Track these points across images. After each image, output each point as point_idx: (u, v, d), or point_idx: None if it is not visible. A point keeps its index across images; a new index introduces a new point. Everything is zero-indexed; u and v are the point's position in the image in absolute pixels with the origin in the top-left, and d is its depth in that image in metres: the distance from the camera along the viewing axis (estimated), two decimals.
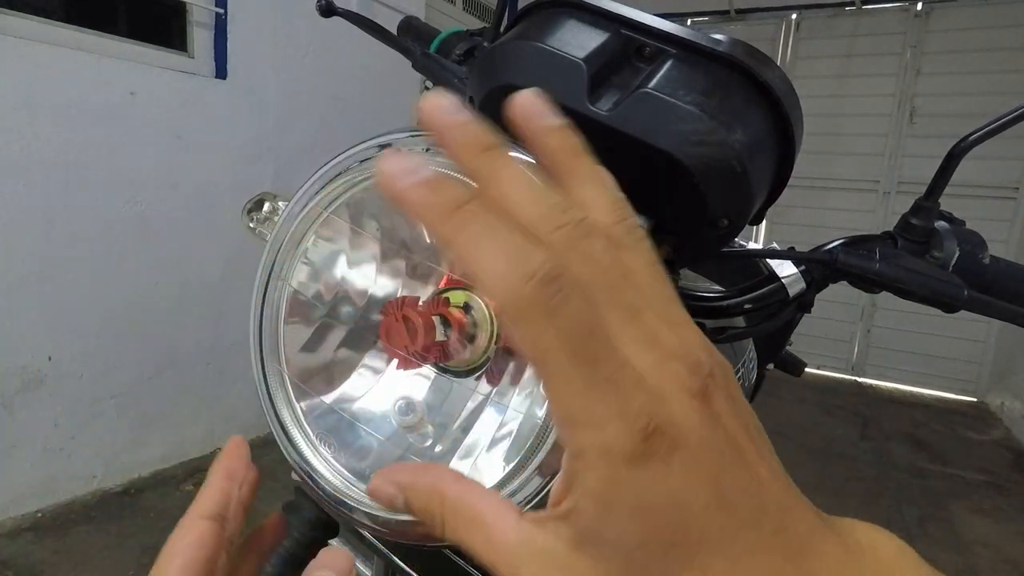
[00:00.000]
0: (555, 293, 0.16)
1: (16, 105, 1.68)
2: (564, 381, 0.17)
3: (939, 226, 0.42)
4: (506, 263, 0.16)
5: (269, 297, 0.34)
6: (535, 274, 0.16)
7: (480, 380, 0.32)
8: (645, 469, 0.17)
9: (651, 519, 0.17)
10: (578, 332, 0.17)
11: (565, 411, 0.17)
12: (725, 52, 0.31)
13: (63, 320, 1.87)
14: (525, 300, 0.16)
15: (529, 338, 0.17)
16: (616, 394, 0.17)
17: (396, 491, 0.23)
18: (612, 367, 0.17)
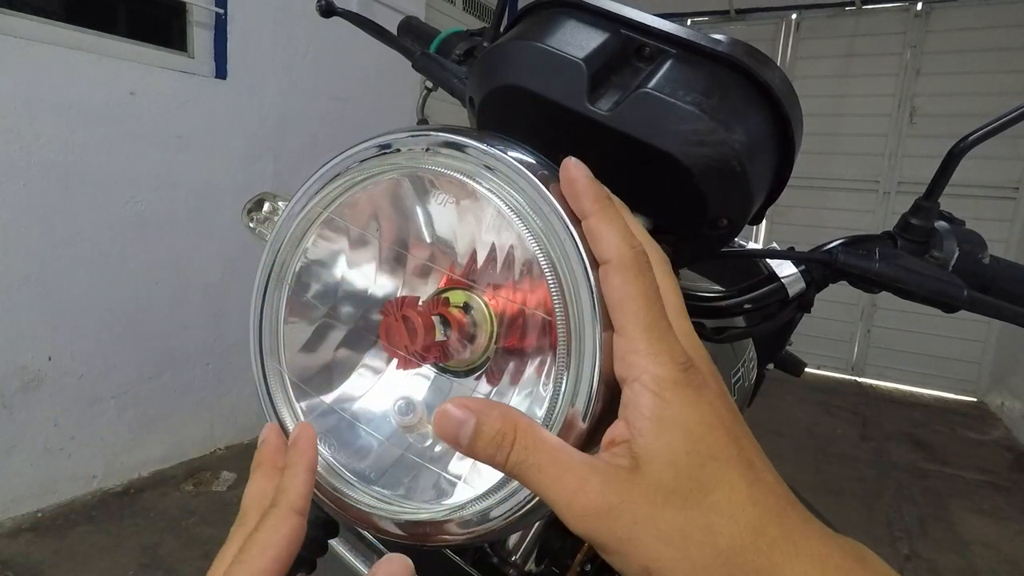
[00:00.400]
0: (643, 261, 0.25)
1: (16, 105, 1.68)
2: (635, 321, 0.24)
3: (939, 226, 0.42)
4: (621, 236, 0.25)
5: (269, 297, 0.34)
6: (634, 246, 0.25)
7: (480, 380, 0.32)
8: (684, 393, 0.23)
9: (692, 432, 0.23)
10: (651, 291, 0.25)
11: (631, 345, 0.24)
12: (725, 52, 0.31)
13: (63, 320, 1.87)
14: (629, 257, 0.25)
15: (625, 282, 0.24)
16: (666, 340, 0.24)
17: (467, 415, 0.24)
18: (665, 322, 0.24)
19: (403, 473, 0.32)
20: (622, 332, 0.24)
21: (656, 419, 0.23)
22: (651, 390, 0.23)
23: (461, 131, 0.30)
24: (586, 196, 0.26)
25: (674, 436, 0.23)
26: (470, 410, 0.24)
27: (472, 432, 0.24)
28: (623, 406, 0.24)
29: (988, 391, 3.89)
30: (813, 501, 0.59)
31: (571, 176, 0.27)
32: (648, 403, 0.23)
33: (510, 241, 0.29)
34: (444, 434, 0.24)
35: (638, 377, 0.24)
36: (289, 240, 0.34)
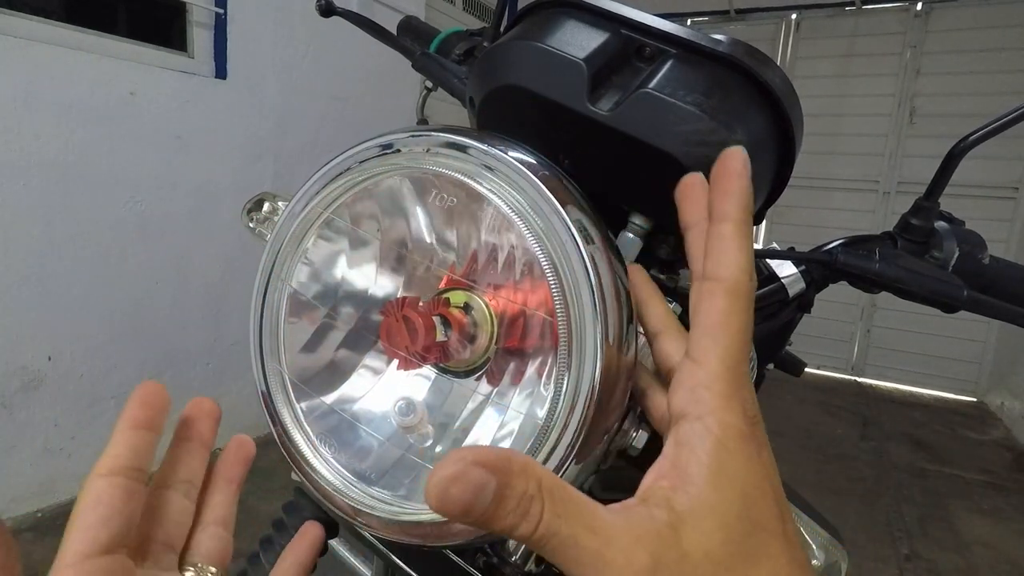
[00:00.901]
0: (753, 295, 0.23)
1: (16, 105, 1.68)
2: (722, 356, 0.22)
3: (939, 226, 0.42)
4: (748, 260, 0.23)
5: (269, 297, 0.34)
6: (754, 277, 0.23)
7: (480, 380, 0.32)
8: (747, 446, 0.21)
9: (747, 495, 0.20)
10: (749, 330, 0.23)
11: (709, 380, 0.22)
12: (725, 52, 0.31)
13: (63, 320, 1.86)
14: (746, 286, 0.23)
15: (731, 310, 0.22)
16: (745, 386, 0.22)
17: (489, 476, 0.18)
18: (746, 367, 0.23)
19: (403, 474, 0.32)
20: (702, 362, 0.22)
21: (715, 470, 0.20)
22: (715, 435, 0.21)
23: (462, 131, 0.30)
24: (738, 198, 0.23)
25: (730, 493, 0.20)
26: (489, 469, 0.18)
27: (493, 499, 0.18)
28: (675, 443, 0.22)
29: (988, 391, 3.89)
30: (813, 501, 0.59)
31: (733, 169, 0.24)
32: (709, 449, 0.21)
33: (511, 241, 0.29)
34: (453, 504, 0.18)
35: (703, 416, 0.21)
36: (289, 240, 0.34)
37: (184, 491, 0.28)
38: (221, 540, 0.28)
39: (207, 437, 0.29)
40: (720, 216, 0.23)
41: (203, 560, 0.27)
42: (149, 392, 0.26)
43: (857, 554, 2.11)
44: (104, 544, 0.23)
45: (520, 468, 0.19)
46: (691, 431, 0.21)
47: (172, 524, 0.27)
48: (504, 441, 0.30)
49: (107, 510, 0.23)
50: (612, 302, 0.27)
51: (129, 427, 0.25)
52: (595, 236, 0.27)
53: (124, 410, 0.26)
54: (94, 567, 0.23)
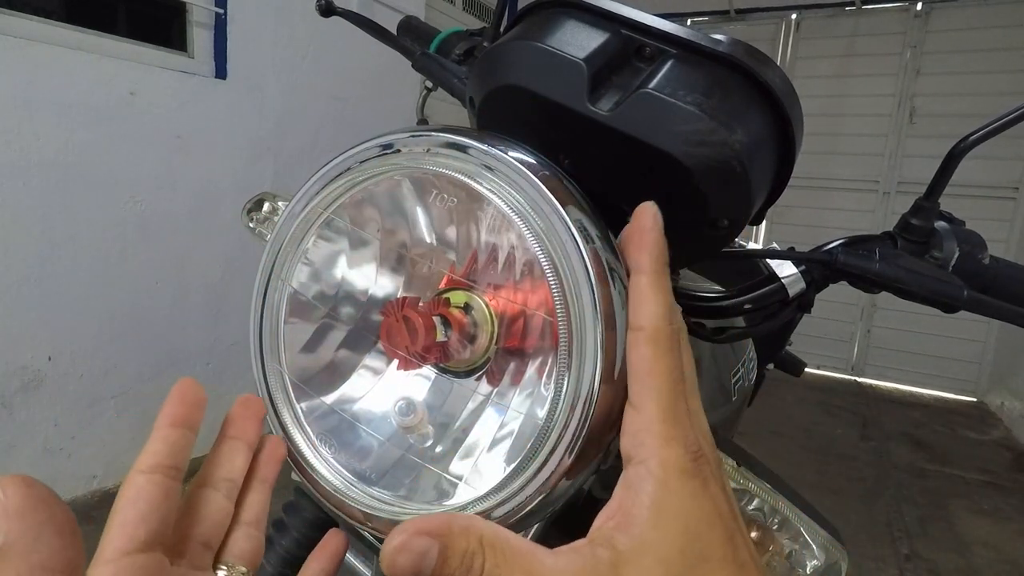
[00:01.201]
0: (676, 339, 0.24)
1: (16, 105, 1.68)
2: (655, 399, 0.23)
3: (939, 226, 0.42)
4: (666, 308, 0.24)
5: (269, 297, 0.34)
6: (673, 323, 0.24)
7: (480, 380, 0.32)
8: (691, 483, 0.22)
9: (689, 529, 0.21)
10: (677, 371, 0.24)
11: (645, 423, 0.23)
12: (725, 52, 0.31)
13: (63, 320, 1.86)
14: (666, 333, 0.24)
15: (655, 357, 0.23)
16: (681, 425, 0.23)
17: (430, 541, 0.21)
18: (683, 405, 0.23)
19: (404, 474, 0.32)
20: (639, 408, 0.23)
21: (656, 508, 0.22)
22: (656, 476, 0.22)
23: (462, 131, 0.30)
24: (652, 251, 0.25)
25: (671, 530, 0.21)
26: (429, 535, 0.21)
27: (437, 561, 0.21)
28: (623, 486, 0.23)
29: (988, 391, 3.89)
30: (813, 501, 0.59)
31: (644, 225, 0.25)
32: (650, 490, 0.22)
33: (511, 241, 0.29)
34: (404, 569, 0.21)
35: (645, 460, 0.22)
36: (289, 240, 0.34)
37: (226, 491, 0.28)
38: (254, 540, 0.29)
39: (252, 437, 0.30)
40: (636, 269, 0.25)
41: (236, 560, 0.28)
42: (187, 390, 0.27)
43: (857, 554, 2.11)
44: (142, 541, 0.24)
45: (461, 529, 0.22)
46: (635, 474, 0.22)
47: (211, 523, 0.27)
48: (504, 441, 0.30)
49: (146, 507, 0.24)
50: (612, 302, 0.27)
51: (167, 424, 0.26)
52: (595, 236, 0.27)
53: (163, 407, 0.26)
54: (132, 564, 0.23)
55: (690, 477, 0.22)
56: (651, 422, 0.23)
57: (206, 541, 0.27)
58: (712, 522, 0.22)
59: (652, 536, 0.21)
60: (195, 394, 0.27)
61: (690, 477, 0.22)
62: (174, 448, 0.26)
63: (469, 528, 0.22)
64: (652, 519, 0.21)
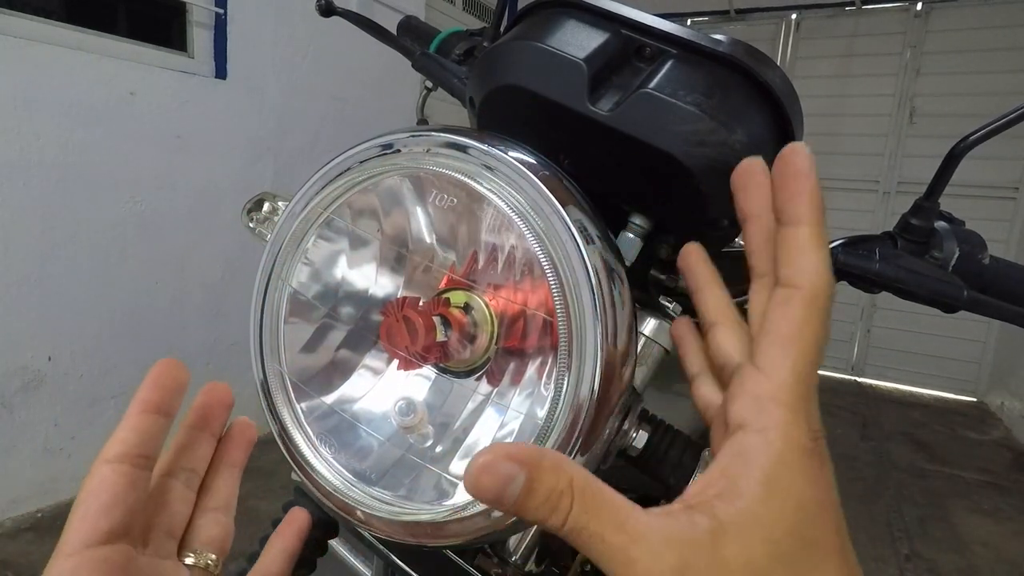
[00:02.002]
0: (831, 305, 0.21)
1: (16, 105, 1.67)
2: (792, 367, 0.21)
3: (939, 226, 0.42)
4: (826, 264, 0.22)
5: (269, 297, 0.34)
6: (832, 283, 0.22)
7: (480, 380, 0.32)
8: (809, 462, 0.20)
9: (805, 509, 0.20)
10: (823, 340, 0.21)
11: (774, 390, 0.21)
12: (725, 52, 0.31)
13: (63, 320, 1.86)
14: (824, 293, 0.21)
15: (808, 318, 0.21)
16: (811, 400, 0.21)
17: (516, 468, 0.19)
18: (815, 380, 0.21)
19: (404, 474, 0.32)
20: (770, 372, 0.21)
21: (769, 482, 0.20)
22: (775, 448, 0.20)
23: (462, 131, 0.30)
24: (811, 199, 0.22)
25: (784, 509, 0.19)
26: (518, 463, 0.19)
27: (522, 491, 0.19)
28: (731, 453, 0.21)
29: (988, 391, 3.89)
30: None
31: (800, 168, 0.22)
32: (766, 462, 0.20)
33: (511, 241, 0.29)
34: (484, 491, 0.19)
35: (765, 429, 0.20)
36: (289, 240, 0.34)
37: (186, 480, 0.28)
38: (222, 526, 0.28)
39: (217, 427, 0.29)
40: (793, 219, 0.22)
41: (203, 546, 0.28)
42: (164, 373, 0.26)
43: (857, 554, 2.11)
44: (105, 533, 0.23)
45: (551, 465, 0.20)
46: (750, 443, 0.20)
47: (173, 512, 0.27)
48: (504, 441, 0.30)
49: (110, 498, 0.23)
50: (612, 302, 0.27)
51: (139, 411, 0.25)
52: (595, 236, 0.27)
53: (138, 391, 0.25)
54: (94, 556, 0.22)
55: (810, 456, 0.20)
56: (781, 389, 0.21)
57: (169, 530, 0.27)
58: (825, 507, 0.20)
59: (761, 511, 0.19)
60: (173, 378, 0.26)
61: (810, 456, 0.20)
62: (144, 436, 0.24)
63: (560, 466, 0.20)
64: (764, 493, 0.20)
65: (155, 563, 0.25)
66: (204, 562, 0.27)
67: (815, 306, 0.21)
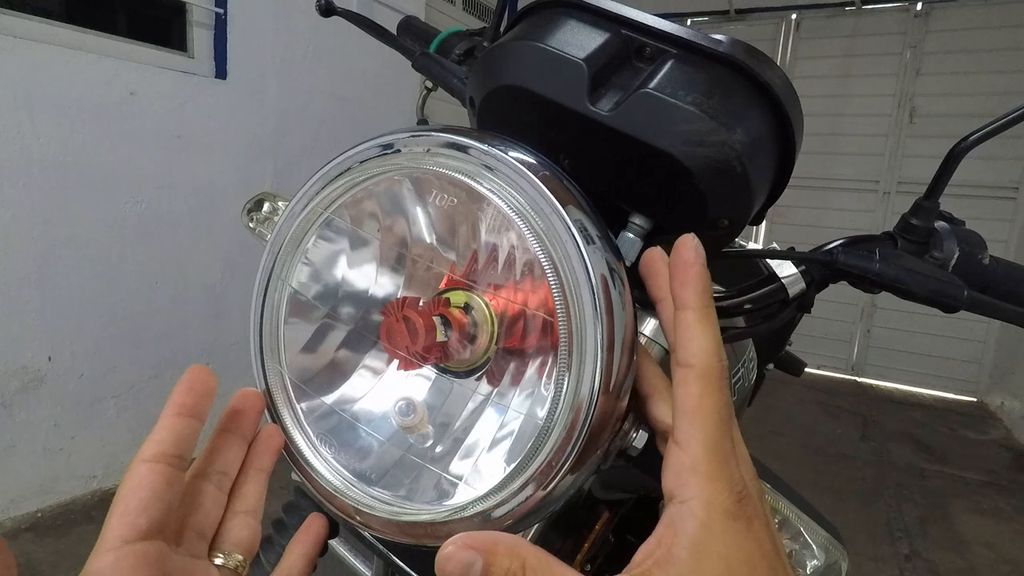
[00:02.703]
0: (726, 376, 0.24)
1: (16, 105, 1.67)
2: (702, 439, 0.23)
3: (939, 226, 0.42)
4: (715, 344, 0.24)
5: (269, 297, 0.34)
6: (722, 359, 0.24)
7: (481, 381, 0.32)
8: (734, 525, 0.22)
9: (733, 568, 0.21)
10: (725, 410, 0.23)
11: (691, 463, 0.23)
12: (725, 52, 0.31)
13: (63, 320, 1.86)
14: (716, 370, 0.23)
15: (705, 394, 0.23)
16: (727, 465, 0.23)
17: (474, 555, 0.22)
18: (729, 445, 0.23)
19: (404, 474, 0.32)
20: (685, 447, 0.23)
21: (697, 549, 0.21)
22: (699, 517, 0.22)
23: (462, 131, 0.30)
24: (696, 286, 0.24)
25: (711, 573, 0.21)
26: (475, 550, 0.22)
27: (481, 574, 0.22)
28: (665, 524, 0.23)
29: (988, 391, 3.89)
30: (813, 501, 0.59)
31: (686, 259, 0.25)
32: (692, 530, 0.22)
33: (511, 241, 0.29)
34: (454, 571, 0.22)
35: (688, 500, 0.22)
36: (289, 240, 0.34)
37: (218, 482, 0.29)
38: (250, 528, 0.29)
39: (248, 430, 0.31)
40: (681, 304, 0.24)
41: (232, 547, 0.28)
42: (196, 378, 0.27)
43: (857, 554, 2.11)
44: (143, 530, 0.24)
45: (506, 549, 0.22)
46: (678, 513, 0.22)
47: (205, 513, 0.28)
48: (504, 441, 0.30)
49: (148, 495, 0.24)
50: (612, 302, 0.26)
51: (174, 413, 0.26)
52: (595, 236, 0.27)
53: (171, 395, 0.26)
54: (133, 552, 0.23)
55: (734, 519, 0.22)
56: (696, 461, 0.23)
57: (200, 531, 0.28)
58: (755, 564, 0.22)
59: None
60: (205, 383, 0.27)
61: (734, 519, 0.22)
62: (179, 437, 0.26)
63: (514, 549, 0.22)
64: (692, 560, 0.21)
65: (187, 562, 0.26)
66: (233, 563, 0.28)
67: (708, 380, 0.23)
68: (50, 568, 1.68)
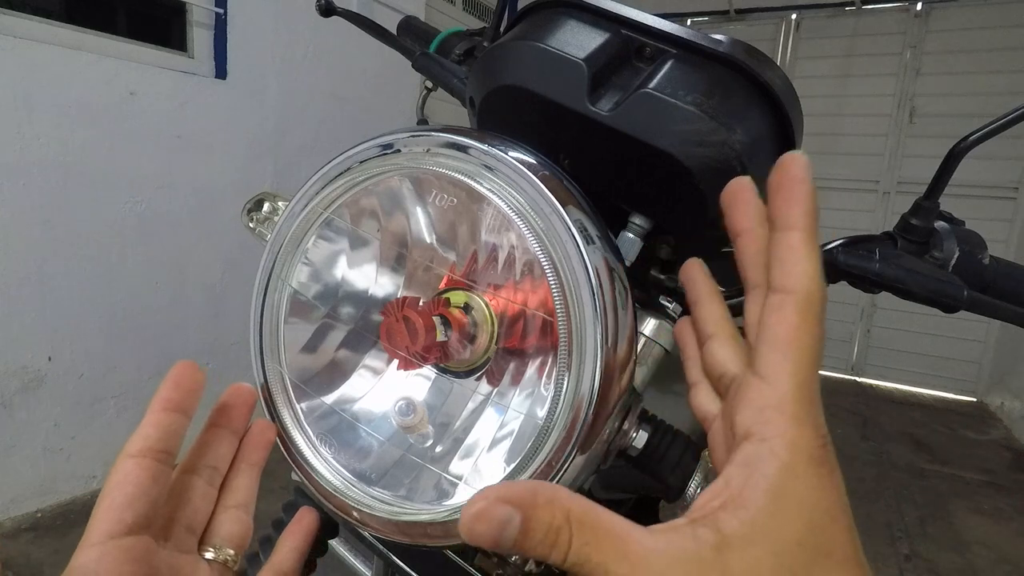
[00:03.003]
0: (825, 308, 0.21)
1: (16, 105, 1.67)
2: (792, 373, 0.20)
3: (939, 226, 0.42)
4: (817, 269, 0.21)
5: (269, 297, 0.34)
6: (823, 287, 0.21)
7: (480, 380, 0.32)
8: (818, 470, 0.20)
9: (814, 518, 0.19)
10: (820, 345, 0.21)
11: (777, 399, 0.20)
12: (725, 52, 0.31)
13: (63, 320, 1.86)
14: (818, 298, 0.21)
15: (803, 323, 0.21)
16: (815, 405, 0.21)
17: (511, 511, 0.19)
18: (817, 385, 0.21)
19: (404, 474, 0.32)
20: (772, 380, 0.20)
21: (776, 493, 0.19)
22: (781, 459, 0.19)
23: (462, 131, 0.30)
24: (803, 205, 0.21)
25: (791, 519, 0.19)
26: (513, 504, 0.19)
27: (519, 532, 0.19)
28: (738, 464, 0.20)
29: (988, 391, 3.89)
30: None
31: (795, 175, 0.22)
32: (772, 472, 0.19)
33: (511, 241, 0.29)
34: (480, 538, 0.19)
35: (770, 438, 0.20)
36: (289, 240, 0.34)
37: (208, 477, 0.29)
38: (241, 523, 0.29)
39: (239, 425, 0.30)
40: (786, 224, 0.22)
41: (223, 542, 0.28)
42: (183, 374, 0.27)
43: None
44: (129, 525, 0.24)
45: (546, 500, 0.19)
46: (755, 453, 0.20)
47: (194, 508, 0.28)
48: (504, 441, 0.30)
49: (134, 490, 0.24)
50: (612, 302, 0.27)
51: (160, 409, 0.26)
52: (595, 236, 0.27)
53: (158, 391, 0.26)
54: (119, 547, 0.23)
55: (818, 464, 0.20)
56: (784, 398, 0.20)
57: (190, 525, 0.27)
58: (836, 515, 0.20)
59: (768, 523, 0.19)
60: (192, 379, 0.27)
61: (818, 464, 0.20)
62: (166, 433, 0.25)
63: (555, 500, 0.19)
64: (770, 505, 0.19)
65: (175, 556, 0.26)
66: (223, 557, 0.28)
67: (810, 310, 0.21)
68: (50, 568, 1.68)
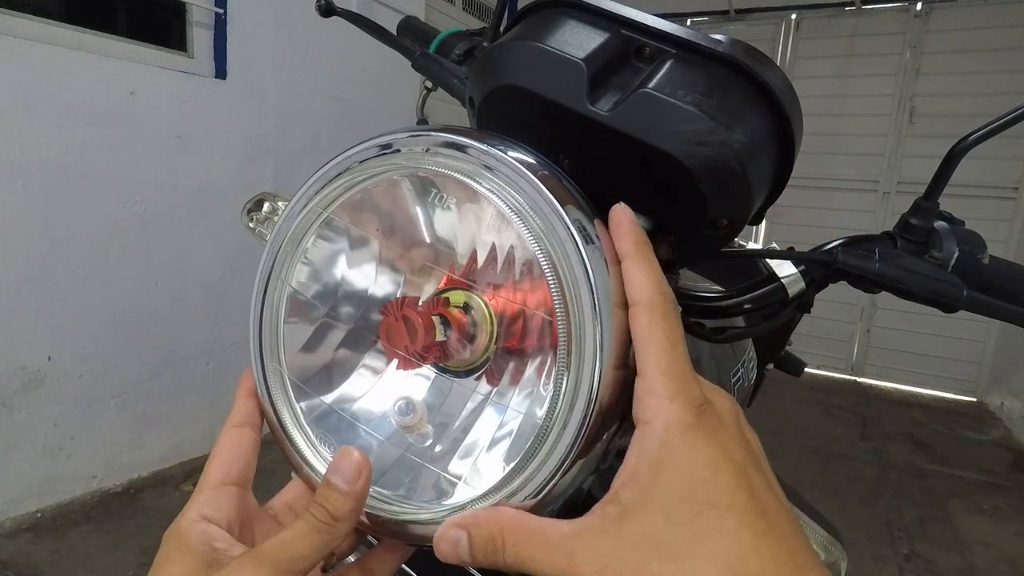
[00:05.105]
0: (671, 306, 0.26)
1: (16, 105, 1.68)
2: (656, 363, 0.24)
3: (939, 226, 0.42)
4: (654, 281, 0.26)
5: (269, 297, 0.34)
6: (664, 292, 0.26)
7: (480, 380, 0.32)
8: (694, 435, 0.23)
9: (693, 475, 0.22)
10: (675, 335, 0.25)
11: (649, 386, 0.24)
12: (725, 52, 0.31)
13: (63, 320, 1.87)
14: (659, 301, 0.25)
15: (651, 324, 0.25)
16: (684, 382, 0.24)
17: (459, 531, 0.25)
18: (686, 366, 0.25)
19: (403, 473, 0.32)
20: (643, 374, 0.25)
21: (655, 463, 0.23)
22: (658, 434, 0.23)
23: (461, 131, 0.30)
24: (628, 238, 0.27)
25: (670, 481, 0.22)
26: (459, 527, 0.25)
27: (468, 546, 0.25)
28: (631, 448, 0.24)
29: (988, 391, 3.89)
30: (813, 501, 0.59)
31: (617, 219, 0.28)
32: (652, 447, 0.23)
33: (510, 241, 0.29)
34: (446, 556, 0.25)
35: (650, 420, 0.24)
36: (289, 240, 0.34)
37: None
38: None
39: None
40: (623, 255, 0.27)
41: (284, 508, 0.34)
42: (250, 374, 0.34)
43: (857, 554, 2.12)
44: (235, 477, 0.30)
45: (485, 519, 0.25)
46: (641, 434, 0.24)
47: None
48: (503, 440, 0.30)
49: (238, 451, 0.31)
50: (612, 302, 0.27)
51: (244, 395, 0.34)
52: (595, 236, 0.28)
53: (241, 381, 0.34)
54: (227, 492, 0.29)
55: (693, 430, 0.23)
56: (652, 385, 0.24)
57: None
58: (718, 468, 0.22)
59: (653, 489, 0.22)
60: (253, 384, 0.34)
61: (693, 430, 0.23)
62: (253, 411, 0.33)
63: (492, 517, 0.25)
64: (652, 473, 0.23)
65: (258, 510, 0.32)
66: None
67: (655, 312, 0.25)
68: (50, 568, 1.68)
